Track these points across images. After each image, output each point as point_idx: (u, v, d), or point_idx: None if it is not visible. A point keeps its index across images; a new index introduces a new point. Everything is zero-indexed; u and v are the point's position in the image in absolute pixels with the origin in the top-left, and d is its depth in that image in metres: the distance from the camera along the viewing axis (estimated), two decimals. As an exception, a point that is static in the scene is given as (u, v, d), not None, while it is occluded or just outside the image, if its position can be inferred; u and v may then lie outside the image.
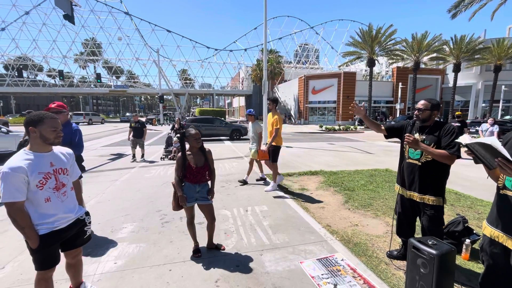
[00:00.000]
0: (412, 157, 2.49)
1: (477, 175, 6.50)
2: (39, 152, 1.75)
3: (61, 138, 1.84)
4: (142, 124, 8.93)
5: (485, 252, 1.69)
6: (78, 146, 3.25)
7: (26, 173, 1.63)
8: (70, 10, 9.03)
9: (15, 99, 50.51)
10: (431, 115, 2.42)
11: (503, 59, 25.62)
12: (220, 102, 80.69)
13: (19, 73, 22.83)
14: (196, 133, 2.71)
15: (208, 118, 16.65)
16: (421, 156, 2.41)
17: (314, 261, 2.76)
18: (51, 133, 1.76)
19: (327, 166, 7.69)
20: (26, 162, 1.66)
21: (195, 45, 54.31)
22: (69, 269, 2.15)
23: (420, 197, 2.43)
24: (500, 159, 1.34)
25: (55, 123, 1.78)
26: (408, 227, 2.72)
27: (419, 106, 2.46)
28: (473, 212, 4.18)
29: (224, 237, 3.31)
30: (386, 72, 43.76)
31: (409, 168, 2.52)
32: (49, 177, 1.75)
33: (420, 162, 2.41)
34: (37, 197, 1.70)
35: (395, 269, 2.63)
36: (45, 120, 1.74)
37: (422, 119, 2.45)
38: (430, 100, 2.44)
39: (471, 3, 15.18)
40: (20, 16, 49.24)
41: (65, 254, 2.05)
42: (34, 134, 1.72)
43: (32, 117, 1.74)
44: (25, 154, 1.71)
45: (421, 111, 2.43)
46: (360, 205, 4.44)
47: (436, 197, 2.37)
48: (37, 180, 1.68)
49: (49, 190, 1.75)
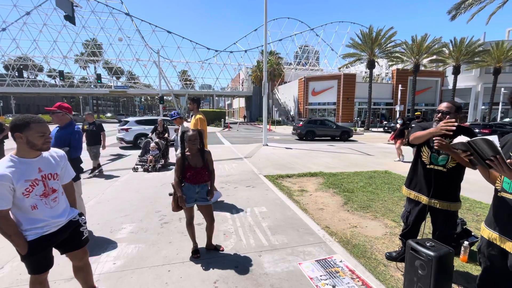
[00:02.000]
0: (437, 163, 2.35)
1: (476, 178, 6.47)
2: (26, 158, 1.65)
3: (50, 144, 1.75)
4: (99, 126, 7.00)
5: (483, 254, 1.69)
6: (76, 147, 3.22)
7: (11, 181, 1.54)
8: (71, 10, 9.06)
9: (15, 99, 50.47)
10: (456, 119, 2.23)
11: (502, 62, 25.73)
12: (220, 103, 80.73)
13: (19, 73, 22.87)
14: (192, 135, 2.65)
15: (322, 121, 18.07)
16: (447, 162, 2.30)
17: (312, 262, 2.76)
18: (38, 139, 1.65)
19: (326, 168, 7.70)
20: (11, 170, 1.57)
21: (195, 46, 54.59)
22: (78, 274, 2.06)
23: (447, 205, 2.33)
24: (497, 156, 1.38)
25: (43, 128, 1.67)
26: (415, 233, 2.66)
27: (441, 109, 2.30)
28: (471, 214, 4.18)
29: (223, 238, 3.31)
30: (386, 74, 43.85)
31: (432, 176, 2.36)
32: (36, 184, 1.66)
33: (446, 169, 2.31)
34: (23, 204, 1.63)
35: (394, 271, 2.64)
36: (31, 125, 1.62)
37: None
38: (453, 103, 2.29)
39: (470, 6, 15.24)
40: (21, 16, 49.48)
41: (70, 257, 1.98)
42: (21, 140, 1.61)
43: (17, 122, 1.61)
44: (11, 161, 1.60)
45: (444, 114, 2.25)
46: (359, 207, 4.45)
47: (457, 203, 2.35)
48: (23, 188, 1.60)
49: (36, 197, 1.67)
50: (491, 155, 1.41)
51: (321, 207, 4.51)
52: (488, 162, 1.45)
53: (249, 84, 48.58)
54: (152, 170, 7.06)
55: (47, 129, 1.73)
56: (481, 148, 1.46)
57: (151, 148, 7.54)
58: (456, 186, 2.37)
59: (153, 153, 7.45)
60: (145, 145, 7.90)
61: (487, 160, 1.45)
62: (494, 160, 1.40)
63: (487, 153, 1.44)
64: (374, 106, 31.98)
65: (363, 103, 31.48)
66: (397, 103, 27.78)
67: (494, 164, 1.41)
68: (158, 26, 53.25)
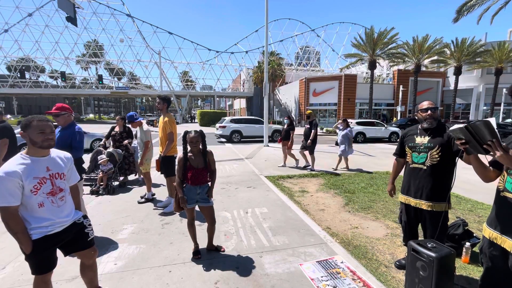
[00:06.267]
0: (417, 161, 2.37)
1: (478, 178, 6.46)
2: (36, 157, 1.74)
3: (51, 141, 1.79)
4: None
5: (485, 254, 1.69)
6: (77, 148, 3.22)
7: (20, 178, 1.61)
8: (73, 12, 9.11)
9: (17, 100, 50.77)
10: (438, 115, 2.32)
11: (504, 62, 25.63)
12: (221, 103, 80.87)
13: (21, 74, 22.94)
14: (194, 136, 2.66)
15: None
16: (426, 160, 2.31)
17: (313, 263, 2.76)
18: (38, 136, 1.72)
19: (328, 169, 7.68)
20: (22, 167, 1.64)
21: (196, 47, 54.61)
22: (86, 273, 2.08)
23: (427, 204, 2.32)
24: (494, 140, 1.40)
25: (43, 126, 1.74)
26: (413, 236, 2.61)
27: (430, 106, 2.32)
28: (473, 215, 4.17)
29: (224, 238, 3.31)
30: (387, 74, 43.79)
31: (414, 174, 2.40)
32: (44, 182, 1.73)
33: (426, 166, 2.31)
34: (31, 202, 1.67)
35: (395, 272, 2.63)
36: (32, 123, 1.73)
37: (435, 118, 2.31)
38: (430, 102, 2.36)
39: (473, 7, 15.23)
40: (23, 18, 49.70)
41: (80, 256, 2.01)
42: (26, 139, 1.72)
43: (22, 122, 1.75)
44: (22, 159, 1.69)
45: (434, 110, 2.30)
46: (360, 208, 4.44)
47: (442, 203, 2.28)
48: (31, 185, 1.66)
49: (43, 195, 1.72)
50: (488, 140, 1.41)
51: (322, 208, 4.50)
52: (485, 147, 1.46)
53: (250, 85, 48.61)
54: (104, 193, 5.11)
55: (48, 127, 1.76)
56: (478, 133, 1.47)
57: (101, 162, 5.28)
58: (440, 185, 2.28)
59: (104, 169, 5.23)
60: (94, 157, 5.69)
61: (484, 145, 1.45)
62: (491, 144, 1.41)
63: (485, 138, 1.44)
64: (375, 107, 31.91)
65: (364, 103, 31.42)
66: (398, 103, 27.73)
67: (491, 149, 1.42)
68: (159, 27, 53.47)
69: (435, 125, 2.33)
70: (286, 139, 7.70)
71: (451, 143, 2.21)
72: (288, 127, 7.67)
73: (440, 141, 2.26)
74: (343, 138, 7.44)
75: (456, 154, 2.16)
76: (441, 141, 2.26)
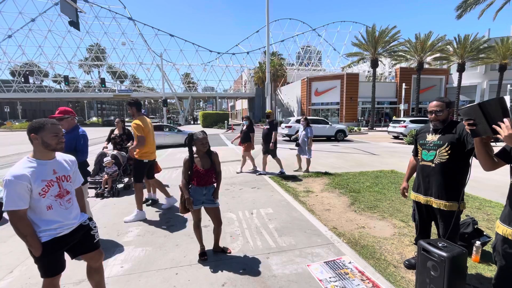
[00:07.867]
0: (426, 159, 2.35)
1: (486, 176, 6.39)
2: (42, 160, 1.75)
3: (63, 144, 1.84)
4: None
5: (498, 252, 1.65)
6: (82, 151, 3.22)
7: (29, 181, 1.62)
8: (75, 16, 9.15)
9: (21, 105, 51.24)
10: (448, 115, 2.26)
11: (508, 58, 25.35)
12: (223, 105, 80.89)
13: (25, 79, 23.12)
14: (204, 137, 2.67)
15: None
16: (434, 157, 2.28)
17: (321, 264, 2.73)
18: (52, 139, 1.75)
19: (331, 168, 7.65)
20: (30, 170, 1.66)
21: (198, 49, 54.68)
22: (93, 276, 2.07)
23: (437, 202, 2.29)
24: (505, 120, 1.38)
25: (57, 129, 1.79)
26: (426, 235, 2.59)
27: (433, 109, 2.29)
28: (482, 213, 4.11)
29: (230, 240, 3.30)
30: (389, 73, 43.54)
31: (423, 171, 2.38)
32: (52, 185, 1.75)
33: (434, 164, 2.28)
34: (39, 205, 1.69)
35: (405, 272, 2.59)
36: (46, 126, 1.75)
37: (441, 120, 2.28)
38: (442, 99, 2.29)
39: (476, 3, 15.09)
40: (26, 23, 50.10)
41: (86, 259, 2.02)
42: (36, 141, 1.73)
43: (33, 124, 1.75)
44: (29, 162, 1.70)
45: (437, 113, 2.27)
46: (366, 207, 4.40)
47: (453, 202, 2.22)
48: (39, 188, 1.67)
49: (51, 198, 1.74)
50: (499, 121, 1.40)
51: (327, 207, 4.47)
52: (494, 127, 1.43)
53: (252, 86, 48.60)
54: (109, 195, 5.19)
55: (60, 130, 1.83)
56: (491, 110, 1.45)
57: (105, 165, 5.44)
58: (449, 184, 2.23)
59: (109, 171, 5.37)
60: (98, 160, 5.77)
61: (494, 126, 1.43)
62: (501, 124, 1.38)
63: (496, 117, 1.42)
64: (378, 105, 31.74)
65: (366, 102, 31.29)
66: (401, 102, 27.56)
67: (499, 130, 1.39)
68: (161, 30, 53.59)
69: (441, 127, 2.31)
70: (247, 141, 7.00)
71: (464, 142, 2.15)
72: (247, 128, 6.98)
73: (450, 138, 2.21)
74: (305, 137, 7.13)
75: (470, 154, 2.12)
76: (451, 139, 2.20)
